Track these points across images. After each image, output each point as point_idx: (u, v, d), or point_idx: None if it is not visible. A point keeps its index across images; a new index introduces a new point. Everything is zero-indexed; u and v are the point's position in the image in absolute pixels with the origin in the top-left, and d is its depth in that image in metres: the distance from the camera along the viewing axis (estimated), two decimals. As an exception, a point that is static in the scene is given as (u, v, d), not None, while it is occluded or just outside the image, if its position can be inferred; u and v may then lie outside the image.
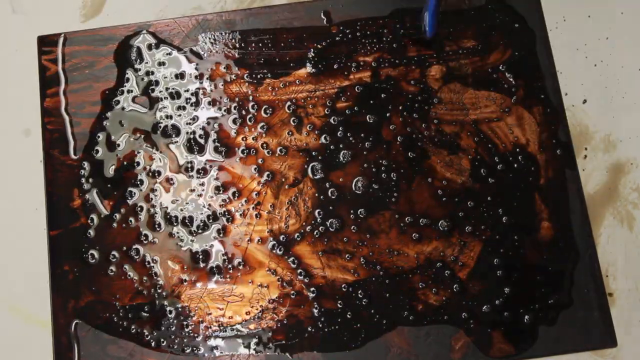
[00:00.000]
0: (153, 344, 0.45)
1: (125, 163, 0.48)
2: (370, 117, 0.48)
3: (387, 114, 0.48)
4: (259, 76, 0.49)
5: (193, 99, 0.48)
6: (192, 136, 0.48)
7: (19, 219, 0.48)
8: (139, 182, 0.47)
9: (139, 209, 0.47)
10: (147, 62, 0.49)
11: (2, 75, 0.50)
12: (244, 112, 0.48)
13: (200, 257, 0.46)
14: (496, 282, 0.45)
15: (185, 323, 0.45)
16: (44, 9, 0.51)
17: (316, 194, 0.47)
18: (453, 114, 0.48)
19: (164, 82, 0.48)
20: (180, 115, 0.48)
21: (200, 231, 0.47)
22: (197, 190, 0.47)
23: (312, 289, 0.45)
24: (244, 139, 0.48)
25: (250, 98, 0.48)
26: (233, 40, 0.49)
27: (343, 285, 0.45)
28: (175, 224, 0.47)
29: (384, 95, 0.48)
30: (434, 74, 0.48)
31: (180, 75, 0.49)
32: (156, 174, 0.47)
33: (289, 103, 0.48)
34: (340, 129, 0.48)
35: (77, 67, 0.49)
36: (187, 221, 0.47)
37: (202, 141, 0.48)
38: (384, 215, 0.46)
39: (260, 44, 0.49)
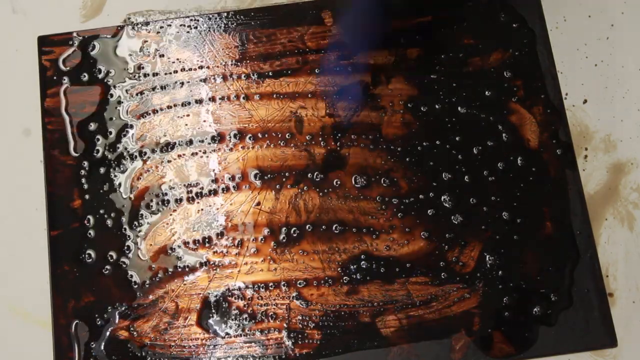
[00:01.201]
0: (153, 344, 0.45)
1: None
2: (370, 117, 0.48)
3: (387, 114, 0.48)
4: (259, 76, 0.49)
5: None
6: (191, 136, 0.48)
7: (19, 219, 0.48)
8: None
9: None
10: (147, 62, 0.49)
11: (2, 75, 0.50)
12: (244, 112, 0.48)
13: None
14: (496, 282, 0.45)
15: (185, 323, 0.45)
16: (44, 9, 0.51)
17: (317, 194, 0.47)
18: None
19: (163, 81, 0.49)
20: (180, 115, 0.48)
21: (199, 231, 0.47)
22: (196, 190, 0.47)
23: (312, 289, 0.45)
24: (245, 139, 0.48)
25: (251, 98, 0.48)
26: (233, 40, 0.49)
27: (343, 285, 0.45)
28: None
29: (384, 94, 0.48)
30: (435, 77, 0.48)
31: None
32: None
33: (289, 103, 0.48)
34: (341, 129, 0.48)
35: (77, 67, 0.49)
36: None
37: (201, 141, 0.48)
38: (384, 215, 0.46)
39: (260, 44, 0.49)
